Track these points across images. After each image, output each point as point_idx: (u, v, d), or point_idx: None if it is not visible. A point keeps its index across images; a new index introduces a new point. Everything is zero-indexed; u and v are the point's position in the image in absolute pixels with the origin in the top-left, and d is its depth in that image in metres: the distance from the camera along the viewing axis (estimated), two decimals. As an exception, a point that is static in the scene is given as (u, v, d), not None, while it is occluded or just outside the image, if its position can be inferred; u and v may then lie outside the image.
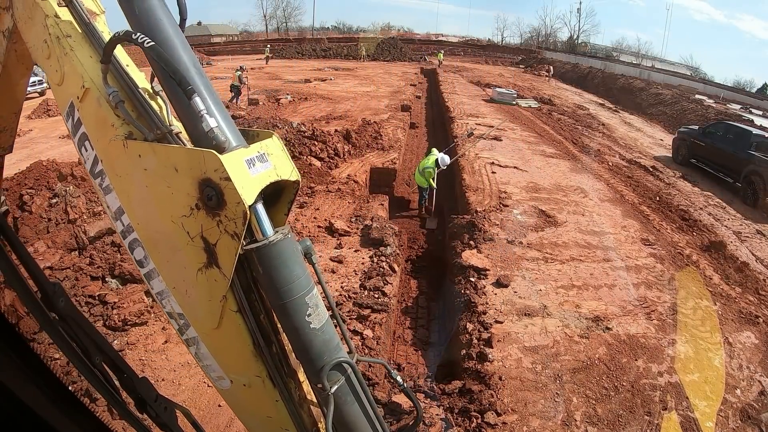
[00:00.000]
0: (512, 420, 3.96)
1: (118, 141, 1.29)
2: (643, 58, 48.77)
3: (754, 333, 5.56)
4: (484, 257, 6.56)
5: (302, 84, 24.52)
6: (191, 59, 1.31)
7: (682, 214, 9.13)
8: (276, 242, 1.23)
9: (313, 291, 1.29)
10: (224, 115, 1.31)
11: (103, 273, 5.40)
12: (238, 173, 1.14)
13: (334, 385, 1.29)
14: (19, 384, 0.74)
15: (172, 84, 1.23)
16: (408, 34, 61.25)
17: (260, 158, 1.24)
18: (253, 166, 1.21)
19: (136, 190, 1.31)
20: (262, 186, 1.20)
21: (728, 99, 28.17)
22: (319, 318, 1.29)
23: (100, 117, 1.32)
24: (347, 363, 1.31)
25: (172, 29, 1.31)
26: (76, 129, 1.40)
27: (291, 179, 1.32)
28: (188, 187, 1.17)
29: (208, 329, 1.34)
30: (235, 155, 1.18)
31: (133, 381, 1.12)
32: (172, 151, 1.21)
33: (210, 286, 1.25)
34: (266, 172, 1.24)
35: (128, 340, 4.82)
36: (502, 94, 21.45)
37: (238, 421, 4.34)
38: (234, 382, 1.40)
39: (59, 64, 1.43)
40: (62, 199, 5.97)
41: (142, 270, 1.38)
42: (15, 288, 0.84)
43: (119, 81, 1.34)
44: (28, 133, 15.30)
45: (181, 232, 1.23)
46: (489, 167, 10.68)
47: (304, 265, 1.30)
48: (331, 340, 1.32)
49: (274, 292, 1.25)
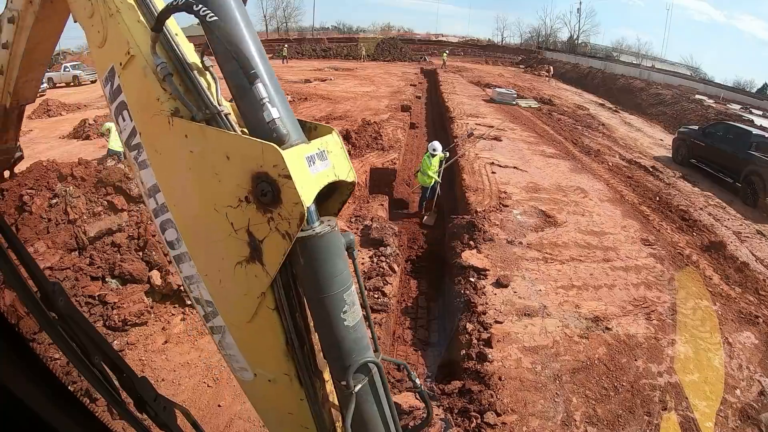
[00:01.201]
0: (512, 420, 3.96)
1: (162, 117, 1.20)
2: (643, 58, 48.78)
3: (753, 333, 5.56)
4: (484, 257, 6.56)
5: (302, 84, 24.54)
6: (255, 42, 1.21)
7: (682, 215, 9.13)
8: (323, 234, 1.17)
9: (351, 288, 1.24)
10: (286, 105, 1.22)
11: (103, 273, 5.41)
12: (299, 171, 1.08)
13: (358, 384, 1.26)
14: (19, 384, 0.74)
15: (232, 65, 1.14)
16: (408, 34, 61.27)
17: (320, 156, 1.18)
18: (313, 165, 1.15)
19: (176, 171, 1.23)
20: (321, 186, 1.15)
21: (728, 99, 28.17)
22: (354, 316, 1.25)
23: (145, 88, 1.23)
24: (374, 363, 1.28)
25: (236, 5, 1.21)
26: (114, 96, 1.31)
27: (348, 180, 1.27)
28: (240, 178, 1.10)
29: (239, 322, 1.29)
30: (297, 151, 1.11)
31: (133, 381, 1.12)
32: (226, 138, 1.12)
33: (249, 281, 1.19)
34: (325, 171, 1.18)
35: (128, 340, 4.82)
36: (502, 94, 21.46)
37: (238, 420, 4.30)
38: (258, 376, 1.37)
39: (102, 25, 1.32)
40: (62, 199, 5.97)
41: (171, 252, 1.32)
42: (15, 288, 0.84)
43: (168, 52, 1.23)
44: (28, 133, 15.29)
45: (223, 223, 1.16)
46: (489, 167, 10.68)
47: (346, 260, 1.25)
48: (361, 339, 1.28)
49: (314, 285, 1.20)
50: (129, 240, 5.82)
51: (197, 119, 1.17)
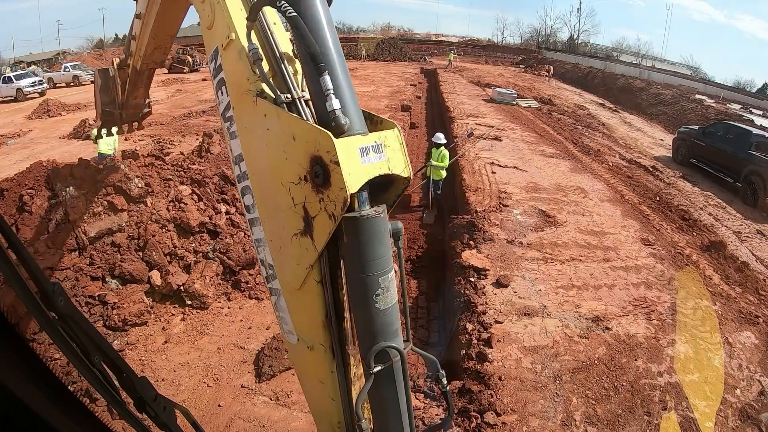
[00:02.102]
0: (512, 420, 3.96)
1: (249, 96, 1.37)
2: (643, 58, 48.75)
3: (753, 333, 5.55)
4: (484, 257, 6.56)
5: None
6: (333, 39, 1.34)
7: (682, 214, 9.13)
8: (369, 217, 1.25)
9: (388, 274, 1.31)
10: (352, 99, 1.34)
11: (103, 273, 5.41)
12: (349, 160, 1.18)
13: (378, 366, 1.32)
14: (19, 384, 0.74)
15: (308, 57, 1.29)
16: (408, 34, 61.24)
17: (375, 149, 1.28)
18: (366, 155, 1.24)
19: (256, 145, 1.40)
20: (370, 176, 1.24)
21: (728, 99, 28.16)
22: (386, 301, 1.31)
23: (238, 69, 1.40)
24: (397, 351, 1.33)
25: (321, 6, 1.35)
26: (216, 73, 1.52)
27: (403, 175, 1.36)
28: (301, 158, 1.23)
29: (291, 288, 1.43)
30: (350, 141, 1.22)
31: (133, 381, 1.12)
32: (293, 121, 1.26)
33: (301, 252, 1.32)
34: (378, 163, 1.27)
35: (128, 340, 4.82)
36: (502, 94, 21.44)
37: (238, 420, 4.31)
38: (300, 341, 1.50)
39: (211, 10, 1.53)
40: (62, 199, 5.97)
41: (247, 215, 1.50)
42: (15, 288, 0.84)
43: (262, 39, 1.40)
44: (28, 133, 15.32)
45: (287, 196, 1.30)
46: (489, 167, 10.67)
47: (388, 247, 1.33)
48: (390, 325, 1.34)
49: (354, 264, 1.29)
50: (129, 240, 5.82)
51: (278, 102, 1.31)
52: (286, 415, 4.02)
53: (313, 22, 1.30)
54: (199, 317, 5.23)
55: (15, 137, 14.73)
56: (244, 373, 4.45)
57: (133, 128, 5.80)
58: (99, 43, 53.32)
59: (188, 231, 6.26)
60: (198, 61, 35.43)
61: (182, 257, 5.84)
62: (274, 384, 4.33)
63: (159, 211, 6.24)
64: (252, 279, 5.79)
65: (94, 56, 41.44)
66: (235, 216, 7.02)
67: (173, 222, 6.21)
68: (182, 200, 6.57)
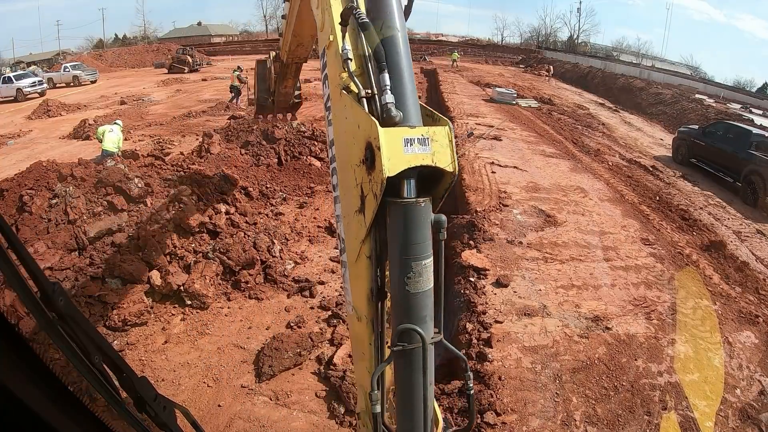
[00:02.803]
0: (512, 420, 3.96)
1: (338, 89, 1.61)
2: (643, 58, 48.73)
3: (753, 333, 5.55)
4: (484, 257, 6.56)
5: (302, 84, 24.49)
6: (404, 44, 1.58)
7: (682, 214, 9.12)
8: (409, 204, 1.40)
9: (422, 261, 1.41)
10: (412, 95, 1.54)
11: (103, 273, 5.40)
12: (391, 147, 1.35)
13: (398, 346, 1.41)
14: (19, 384, 0.74)
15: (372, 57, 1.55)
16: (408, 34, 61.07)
17: (421, 141, 1.42)
18: (410, 146, 1.39)
19: (339, 131, 1.66)
20: (410, 165, 1.38)
21: (728, 98, 28.14)
22: (417, 286, 1.41)
23: (335, 66, 1.67)
24: (420, 336, 1.39)
25: (398, 16, 1.60)
26: (323, 69, 1.81)
27: (447, 169, 1.49)
28: (361, 143, 1.43)
29: (350, 261, 1.65)
30: (396, 131, 1.39)
31: (133, 381, 1.12)
32: (358, 112, 1.47)
33: (358, 227, 1.52)
34: (421, 154, 1.41)
35: (128, 340, 4.82)
36: (502, 93, 21.43)
37: (238, 420, 4.32)
38: (353, 312, 1.70)
39: (322, 14, 1.89)
40: (62, 199, 5.97)
41: (333, 193, 1.76)
42: (15, 288, 0.84)
43: (356, 41, 1.61)
44: (28, 133, 15.31)
45: (353, 176, 1.52)
46: (489, 167, 10.67)
47: (427, 236, 1.44)
48: (418, 310, 1.43)
49: (391, 245, 1.45)
50: (129, 240, 5.82)
51: (360, 96, 1.49)
52: (286, 415, 4.02)
53: (389, 28, 1.55)
54: (199, 317, 5.23)
55: (15, 137, 14.73)
56: (244, 373, 4.46)
57: (286, 118, 6.97)
58: (99, 43, 53.33)
59: (188, 231, 6.26)
60: (198, 61, 35.32)
61: (182, 257, 5.84)
62: (274, 384, 4.33)
63: (159, 211, 6.24)
64: (252, 279, 5.79)
65: (93, 56, 41.44)
66: (235, 216, 7.02)
67: (173, 222, 6.21)
68: (182, 200, 6.57)
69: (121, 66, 40.05)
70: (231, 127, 11.23)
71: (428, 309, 1.45)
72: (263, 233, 6.58)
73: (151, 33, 56.91)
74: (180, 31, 56.34)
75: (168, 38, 53.84)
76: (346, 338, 4.85)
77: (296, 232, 7.18)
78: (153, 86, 25.78)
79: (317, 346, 4.75)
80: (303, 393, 4.24)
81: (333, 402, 4.13)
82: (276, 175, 9.28)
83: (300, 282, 5.81)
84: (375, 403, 1.42)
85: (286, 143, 10.00)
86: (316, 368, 4.51)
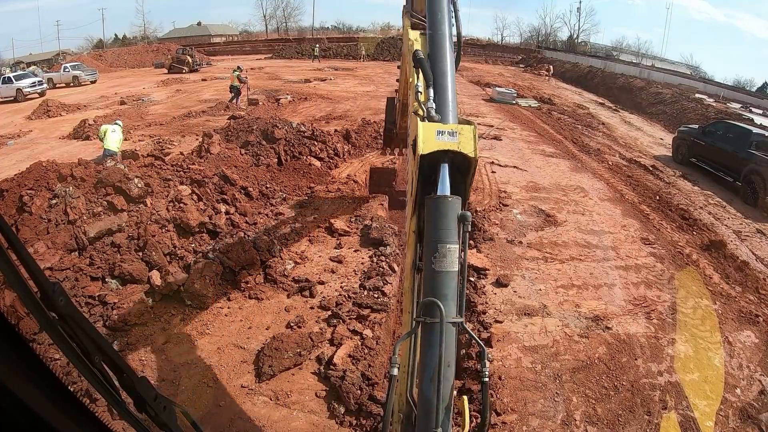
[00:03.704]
0: (512, 419, 3.96)
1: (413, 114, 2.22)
2: (643, 58, 48.66)
3: (754, 332, 5.55)
4: (484, 257, 6.56)
5: (302, 84, 24.51)
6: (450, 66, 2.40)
7: (682, 214, 9.12)
8: (437, 199, 1.82)
9: (447, 245, 1.73)
10: (452, 103, 2.23)
11: (103, 273, 5.41)
12: (426, 135, 1.91)
13: (420, 318, 1.66)
14: (19, 384, 0.74)
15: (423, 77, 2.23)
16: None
17: (450, 133, 1.93)
18: (441, 136, 1.92)
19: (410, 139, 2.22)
20: (440, 148, 1.90)
21: (728, 98, 28.11)
22: (441, 265, 1.71)
23: (412, 99, 2.28)
24: (440, 309, 1.61)
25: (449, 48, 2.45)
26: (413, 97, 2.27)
27: (470, 155, 1.93)
28: (412, 137, 2.03)
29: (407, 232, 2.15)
30: (432, 126, 1.96)
31: (133, 381, 1.12)
32: (413, 119, 2.13)
33: (410, 204, 2.05)
34: (450, 142, 1.91)
35: (128, 340, 4.82)
36: (502, 93, 21.42)
37: (238, 420, 4.31)
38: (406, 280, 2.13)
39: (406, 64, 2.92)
40: (62, 199, 5.97)
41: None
42: (15, 288, 0.84)
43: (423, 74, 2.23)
44: (28, 133, 15.31)
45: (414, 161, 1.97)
46: (489, 167, 10.68)
47: (452, 225, 1.77)
48: (442, 287, 1.70)
49: (426, 230, 1.83)
50: (129, 240, 5.82)
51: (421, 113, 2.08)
52: (286, 415, 4.02)
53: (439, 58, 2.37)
54: (199, 317, 5.23)
55: (15, 137, 14.72)
56: (244, 373, 4.45)
57: (403, 152, 7.54)
58: (99, 44, 53.32)
59: (188, 231, 6.26)
60: (198, 61, 35.27)
61: (182, 257, 5.84)
62: (274, 384, 4.33)
63: (159, 211, 6.24)
64: (252, 279, 5.79)
65: (93, 56, 41.41)
66: (234, 216, 7.02)
67: (173, 222, 6.21)
68: (182, 200, 6.57)
69: (121, 66, 40.04)
70: (231, 127, 11.22)
71: (450, 289, 1.70)
72: (263, 233, 6.59)
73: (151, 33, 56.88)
74: (180, 31, 56.32)
75: (168, 38, 53.82)
76: (346, 338, 4.85)
77: (296, 231, 7.18)
78: (153, 86, 25.77)
79: (317, 346, 4.75)
80: (303, 393, 4.24)
81: (333, 402, 4.13)
82: (276, 175, 9.28)
83: (300, 282, 5.81)
84: (393, 366, 1.65)
85: (286, 143, 10.00)
86: (316, 368, 4.51)
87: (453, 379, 1.67)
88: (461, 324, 1.73)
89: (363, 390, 4.19)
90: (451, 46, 2.40)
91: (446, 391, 1.59)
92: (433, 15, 2.52)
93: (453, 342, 1.66)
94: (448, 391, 1.60)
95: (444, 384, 1.59)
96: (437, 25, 2.45)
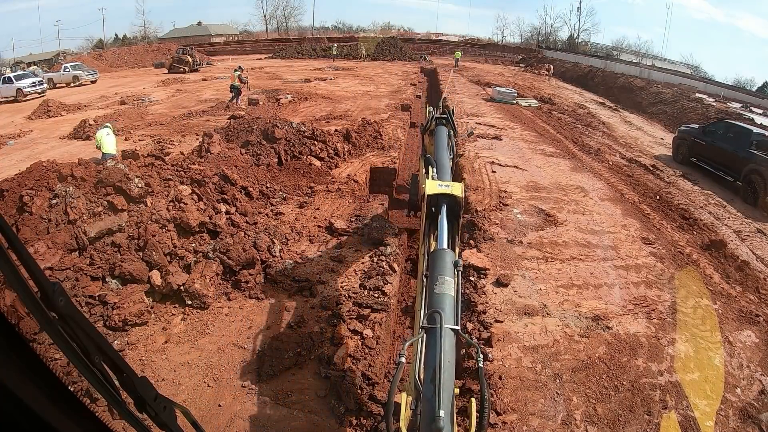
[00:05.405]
0: (512, 419, 3.96)
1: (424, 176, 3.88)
2: (643, 57, 48.68)
3: (754, 332, 5.55)
4: (484, 256, 6.56)
5: (302, 84, 24.51)
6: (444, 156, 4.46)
7: (682, 213, 9.12)
8: (440, 251, 2.71)
9: (445, 277, 2.44)
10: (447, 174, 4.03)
11: (103, 273, 5.40)
12: (431, 185, 3.27)
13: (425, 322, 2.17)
14: (19, 384, 0.74)
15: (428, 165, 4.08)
16: (408, 34, 61.16)
17: (446, 186, 3.26)
18: (440, 186, 3.26)
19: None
20: (438, 191, 3.21)
21: (729, 98, 28.08)
22: (441, 289, 2.37)
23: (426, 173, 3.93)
24: (439, 315, 2.11)
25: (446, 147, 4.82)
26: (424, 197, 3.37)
27: (458, 197, 3.19)
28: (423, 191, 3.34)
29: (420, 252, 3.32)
30: (434, 181, 3.42)
31: (133, 381, 1.12)
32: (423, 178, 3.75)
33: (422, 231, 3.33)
34: (445, 189, 3.21)
35: (128, 340, 4.82)
36: (502, 93, 21.42)
37: (238, 420, 4.32)
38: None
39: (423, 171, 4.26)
40: (62, 199, 5.97)
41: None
42: (15, 288, 0.84)
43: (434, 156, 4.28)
44: (28, 133, 15.30)
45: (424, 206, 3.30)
46: (489, 166, 10.67)
47: (448, 266, 2.53)
48: (441, 303, 2.28)
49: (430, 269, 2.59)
50: (129, 240, 5.82)
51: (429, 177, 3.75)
52: (287, 415, 4.02)
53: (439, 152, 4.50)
54: (199, 317, 5.23)
55: (15, 137, 14.72)
56: (245, 373, 4.46)
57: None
58: (99, 43, 53.38)
59: (188, 231, 6.26)
60: (198, 61, 35.27)
61: (182, 257, 5.83)
62: (274, 384, 4.34)
63: (159, 211, 6.23)
64: (252, 279, 5.79)
65: (93, 56, 41.42)
66: (235, 216, 7.02)
67: (173, 222, 6.21)
68: (182, 200, 6.57)
69: (121, 66, 40.04)
70: (231, 126, 11.21)
71: (447, 306, 2.26)
72: (263, 233, 6.58)
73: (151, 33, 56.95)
74: (180, 31, 56.38)
75: (168, 38, 53.87)
76: (346, 338, 4.85)
77: (296, 231, 7.18)
78: (153, 86, 25.77)
79: (317, 346, 4.75)
80: (303, 393, 4.24)
81: (333, 402, 4.13)
82: (276, 174, 9.27)
83: (300, 282, 5.81)
84: (400, 355, 2.10)
85: (286, 143, 10.00)
86: (317, 368, 4.51)
87: (453, 375, 1.97)
88: (458, 331, 2.19)
89: (363, 390, 4.19)
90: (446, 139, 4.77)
91: (447, 383, 1.89)
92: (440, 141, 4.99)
93: (452, 344, 2.07)
94: (448, 382, 1.90)
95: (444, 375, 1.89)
96: (440, 153, 4.54)
